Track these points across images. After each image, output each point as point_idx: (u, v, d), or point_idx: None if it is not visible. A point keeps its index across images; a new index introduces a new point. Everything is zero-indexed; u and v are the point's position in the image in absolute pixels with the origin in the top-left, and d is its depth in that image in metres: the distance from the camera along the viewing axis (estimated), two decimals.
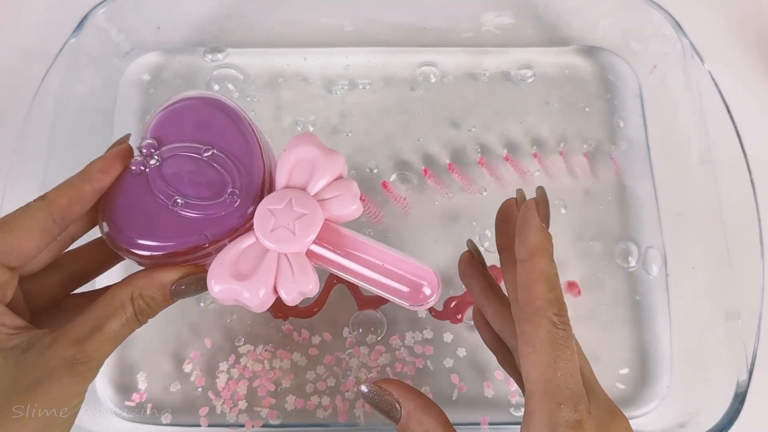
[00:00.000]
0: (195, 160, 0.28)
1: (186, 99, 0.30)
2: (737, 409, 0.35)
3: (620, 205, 0.44)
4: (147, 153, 0.29)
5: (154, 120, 0.30)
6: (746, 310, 0.37)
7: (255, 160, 0.28)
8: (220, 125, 0.29)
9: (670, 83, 0.44)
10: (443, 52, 0.49)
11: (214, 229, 0.27)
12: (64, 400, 0.24)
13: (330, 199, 0.29)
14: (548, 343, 0.23)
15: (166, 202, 0.27)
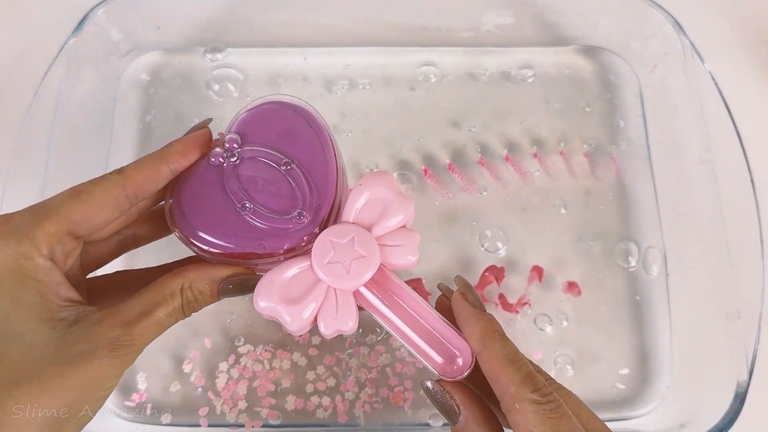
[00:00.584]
0: (272, 169, 0.28)
1: (278, 103, 0.30)
2: (737, 409, 0.35)
3: (620, 205, 0.44)
4: (229, 148, 0.29)
5: (241, 116, 0.30)
6: (746, 310, 0.37)
7: (329, 185, 0.28)
8: (305, 140, 0.29)
9: (670, 83, 0.44)
10: (443, 51, 0.49)
11: (273, 242, 0.27)
12: (101, 379, 0.24)
13: (392, 246, 0.29)
14: (542, 424, 0.23)
15: (235, 203, 0.28)
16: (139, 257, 0.43)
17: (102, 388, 0.24)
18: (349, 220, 0.29)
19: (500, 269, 0.42)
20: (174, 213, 0.28)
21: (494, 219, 0.44)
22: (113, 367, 0.24)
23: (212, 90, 0.47)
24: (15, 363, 0.23)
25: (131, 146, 0.46)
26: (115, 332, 0.24)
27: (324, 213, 0.28)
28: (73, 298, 0.25)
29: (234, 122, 0.30)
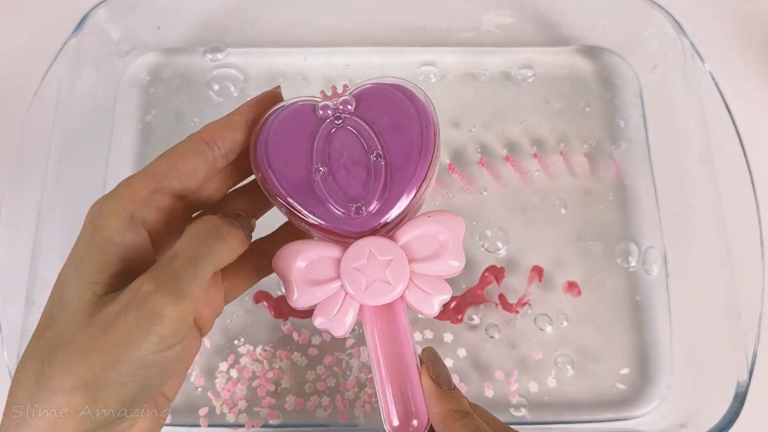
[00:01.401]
0: (363, 152, 0.27)
1: (407, 92, 0.28)
2: (737, 409, 0.35)
3: (620, 205, 0.44)
4: (343, 109, 0.28)
5: (366, 84, 0.28)
6: (747, 310, 0.37)
7: (403, 199, 0.27)
8: (409, 145, 0.27)
9: (670, 83, 0.44)
10: (443, 51, 0.49)
11: (322, 216, 0.27)
12: (128, 341, 0.22)
13: (420, 289, 0.27)
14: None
15: (313, 161, 0.27)
16: None
17: (135, 349, 0.22)
18: (398, 241, 0.27)
19: (500, 269, 0.42)
20: (260, 137, 0.27)
21: (494, 219, 0.44)
22: (143, 323, 0.22)
23: (212, 90, 0.47)
24: (61, 329, 0.23)
25: (131, 146, 0.46)
26: (146, 287, 0.22)
27: (381, 221, 0.27)
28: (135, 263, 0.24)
29: (356, 87, 0.28)
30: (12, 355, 0.35)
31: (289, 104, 0.28)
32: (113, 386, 0.22)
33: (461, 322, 0.41)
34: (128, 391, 0.22)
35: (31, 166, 0.40)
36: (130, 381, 0.22)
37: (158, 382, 0.23)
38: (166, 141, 0.46)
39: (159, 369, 0.23)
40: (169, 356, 0.23)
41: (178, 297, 0.22)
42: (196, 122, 0.46)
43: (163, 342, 0.22)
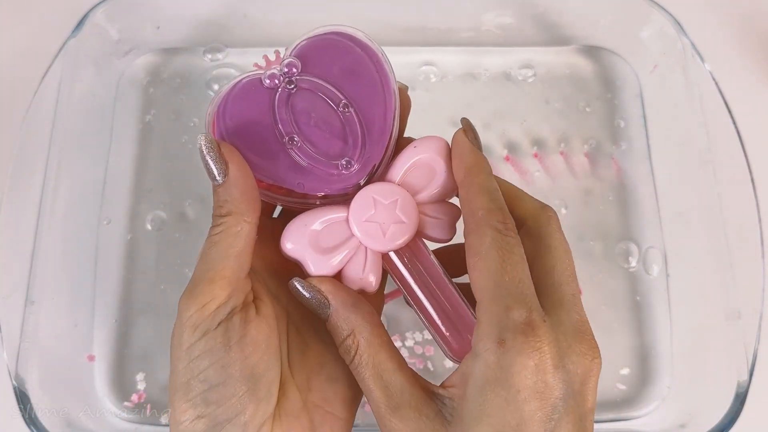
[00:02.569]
0: (329, 107, 0.26)
1: (345, 36, 0.27)
2: (738, 409, 0.35)
3: (621, 205, 0.44)
4: (288, 72, 0.26)
5: (302, 42, 0.27)
6: (747, 311, 0.37)
7: (384, 137, 0.26)
8: (368, 84, 0.26)
9: (670, 83, 0.44)
10: (443, 51, 0.49)
11: (313, 184, 0.26)
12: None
13: (431, 218, 0.27)
14: (494, 250, 0.23)
15: (283, 133, 0.26)
16: (138, 256, 0.43)
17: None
18: (394, 180, 0.27)
19: None
20: (216, 130, 0.26)
21: None
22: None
23: (212, 90, 0.47)
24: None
25: (131, 146, 0.46)
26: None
27: (373, 165, 0.26)
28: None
29: (294, 47, 0.27)
30: (11, 355, 0.35)
31: (233, 85, 0.27)
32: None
33: None
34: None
35: (30, 166, 0.40)
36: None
37: None
38: (165, 141, 0.46)
39: None
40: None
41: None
42: (196, 122, 0.46)
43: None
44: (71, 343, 0.40)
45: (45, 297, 0.38)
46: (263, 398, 0.23)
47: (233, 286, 0.24)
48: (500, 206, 0.24)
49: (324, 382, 0.26)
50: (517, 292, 0.23)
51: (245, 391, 0.23)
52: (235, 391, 0.23)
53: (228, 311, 0.23)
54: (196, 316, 0.23)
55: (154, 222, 0.43)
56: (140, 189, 0.44)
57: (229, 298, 0.23)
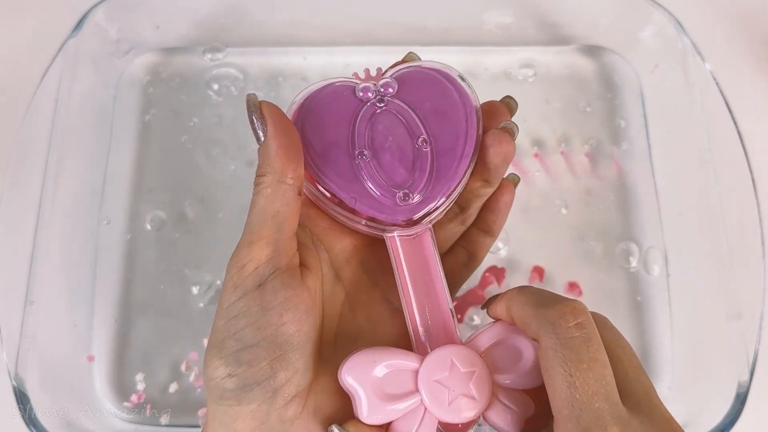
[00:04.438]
0: (407, 136, 0.26)
1: (449, 78, 0.27)
2: (738, 409, 0.35)
3: (621, 205, 0.44)
4: (384, 92, 0.26)
5: (407, 67, 0.27)
6: (748, 311, 0.37)
7: (449, 183, 0.26)
8: (454, 130, 0.26)
9: (671, 83, 0.44)
10: (443, 51, 0.48)
11: (366, 203, 0.25)
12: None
13: (502, 404, 0.25)
14: (557, 359, 0.21)
15: (355, 145, 0.25)
16: (138, 256, 0.43)
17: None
18: (479, 350, 0.25)
19: (501, 270, 0.42)
20: (295, 120, 0.26)
21: None
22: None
23: (212, 89, 0.47)
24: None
25: (131, 146, 0.46)
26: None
27: (429, 207, 0.26)
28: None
29: (397, 70, 0.27)
30: (11, 355, 0.35)
31: (326, 84, 0.27)
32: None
33: (462, 322, 0.41)
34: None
35: (30, 166, 0.40)
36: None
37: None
38: (165, 141, 0.46)
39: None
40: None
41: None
42: (195, 122, 0.46)
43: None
44: (71, 343, 0.40)
45: (45, 297, 0.38)
46: (299, 369, 0.23)
47: (273, 247, 0.23)
48: (556, 302, 0.22)
49: None
50: (594, 411, 0.20)
51: (278, 356, 0.23)
52: (267, 355, 0.23)
53: (268, 273, 0.23)
54: (236, 276, 0.23)
55: (154, 222, 0.43)
56: (140, 189, 0.44)
57: (269, 259, 0.23)
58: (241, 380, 0.23)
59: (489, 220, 0.28)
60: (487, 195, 0.28)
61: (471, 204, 0.28)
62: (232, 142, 0.45)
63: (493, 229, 0.28)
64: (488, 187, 0.27)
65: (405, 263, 0.26)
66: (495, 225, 0.28)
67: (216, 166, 0.45)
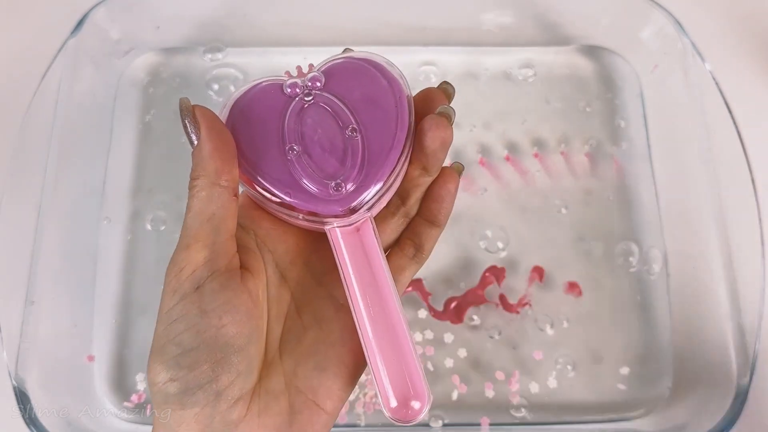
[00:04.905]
0: (337, 127, 0.26)
1: (377, 66, 0.27)
2: (738, 409, 0.35)
3: (621, 205, 0.44)
4: (311, 86, 0.27)
5: (335, 60, 0.27)
6: (747, 311, 0.37)
7: (382, 170, 0.26)
8: (384, 117, 0.26)
9: (671, 83, 0.44)
10: (443, 51, 0.48)
11: (301, 197, 0.25)
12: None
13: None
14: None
15: (286, 140, 0.26)
16: (138, 256, 0.43)
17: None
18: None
19: (501, 269, 0.42)
20: (227, 122, 0.26)
21: (495, 219, 0.44)
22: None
23: (212, 89, 0.47)
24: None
25: (131, 146, 0.46)
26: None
27: (364, 196, 0.26)
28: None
29: (324, 63, 0.27)
30: (11, 355, 0.35)
31: (254, 85, 0.27)
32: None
33: (462, 322, 0.41)
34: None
35: (30, 166, 0.40)
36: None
37: None
38: (165, 141, 0.46)
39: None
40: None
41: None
42: None
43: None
44: (71, 343, 0.40)
45: (45, 297, 0.38)
46: (242, 372, 0.23)
47: (209, 249, 0.24)
48: None
49: (312, 369, 0.25)
50: None
51: (219, 359, 0.23)
52: (208, 358, 0.23)
53: (206, 275, 0.23)
54: (174, 280, 0.23)
55: (154, 222, 0.43)
56: (140, 189, 0.44)
57: (206, 262, 0.23)
58: (182, 384, 0.23)
59: (433, 209, 0.28)
60: (427, 184, 0.28)
61: (411, 194, 0.28)
62: None
63: (438, 219, 0.28)
64: (427, 175, 0.27)
65: (347, 255, 0.26)
66: (440, 214, 0.28)
67: None
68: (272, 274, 0.26)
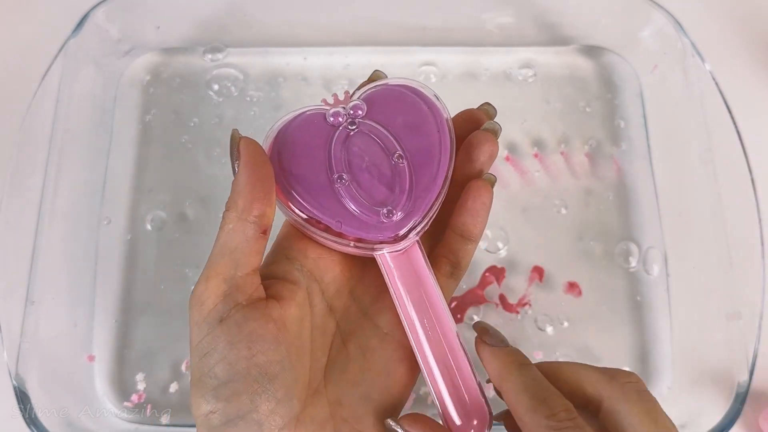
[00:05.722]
0: (383, 154, 0.26)
1: (415, 92, 0.28)
2: (738, 409, 0.35)
3: (621, 205, 0.44)
4: (354, 114, 0.27)
5: (375, 88, 0.28)
6: (747, 311, 0.37)
7: (429, 195, 0.26)
8: (427, 143, 0.27)
9: (670, 83, 0.44)
10: (443, 51, 0.48)
11: (352, 225, 0.26)
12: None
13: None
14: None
15: (333, 170, 0.26)
16: (138, 256, 0.43)
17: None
18: None
19: (501, 269, 0.42)
20: (271, 154, 0.26)
21: (495, 219, 0.44)
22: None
23: (212, 90, 0.47)
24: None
25: (131, 146, 0.46)
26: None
27: (413, 221, 0.26)
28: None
29: (364, 91, 0.28)
30: (11, 355, 0.35)
31: (297, 115, 0.27)
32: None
33: (461, 322, 0.41)
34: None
35: (31, 166, 0.40)
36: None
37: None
38: (165, 141, 0.46)
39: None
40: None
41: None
42: (196, 122, 0.46)
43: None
44: (71, 343, 0.40)
45: (45, 297, 0.38)
46: (281, 399, 0.23)
47: (228, 284, 0.24)
48: (544, 397, 0.23)
49: (357, 398, 0.26)
50: None
51: (256, 389, 0.23)
52: (245, 388, 0.23)
53: (229, 308, 0.23)
54: (197, 313, 0.24)
55: (154, 222, 0.43)
56: (140, 189, 0.44)
57: (226, 296, 0.24)
58: (223, 416, 0.23)
59: (469, 224, 0.28)
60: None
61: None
62: None
63: (473, 233, 0.28)
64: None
65: (398, 279, 0.27)
66: (475, 228, 0.28)
67: (216, 166, 0.45)
68: (318, 304, 0.27)
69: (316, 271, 0.27)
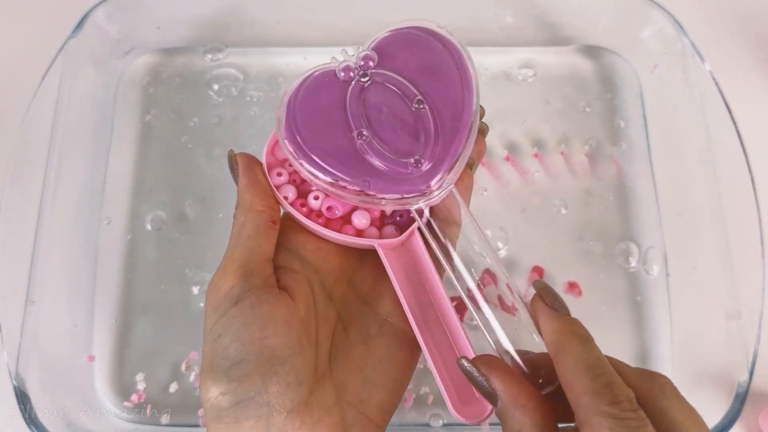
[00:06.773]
0: (402, 103, 0.25)
1: (427, 32, 0.26)
2: (738, 409, 0.35)
3: (621, 205, 0.44)
4: (364, 65, 0.25)
5: (383, 35, 0.26)
6: (747, 311, 0.37)
7: (458, 137, 0.24)
8: (447, 82, 0.25)
9: (670, 83, 0.44)
10: None
11: (380, 183, 0.24)
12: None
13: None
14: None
15: (352, 127, 0.24)
16: (138, 256, 0.43)
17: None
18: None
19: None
20: (286, 123, 0.25)
21: (494, 219, 0.44)
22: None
23: (212, 90, 0.47)
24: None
25: (131, 146, 0.46)
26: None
27: (445, 167, 0.24)
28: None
29: (373, 40, 0.26)
30: (12, 355, 0.35)
31: (306, 77, 0.26)
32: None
33: (461, 322, 0.41)
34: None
35: (31, 165, 0.40)
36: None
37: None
38: (165, 141, 0.46)
39: None
40: None
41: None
42: (196, 122, 0.46)
43: None
44: (71, 343, 0.40)
45: (45, 297, 0.38)
46: (291, 383, 0.24)
47: (244, 269, 0.25)
48: (608, 382, 0.21)
49: (361, 383, 0.26)
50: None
51: (267, 370, 0.23)
52: (256, 369, 0.23)
53: (244, 291, 0.24)
54: (213, 299, 0.25)
55: (154, 222, 0.43)
56: (140, 189, 0.44)
57: (242, 279, 0.25)
58: (234, 397, 0.23)
59: (451, 207, 0.28)
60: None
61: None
62: (232, 143, 0.45)
63: (455, 217, 0.28)
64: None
65: (397, 268, 0.26)
66: (454, 209, 0.28)
67: (216, 166, 0.45)
68: (319, 293, 0.27)
69: (316, 262, 0.28)
